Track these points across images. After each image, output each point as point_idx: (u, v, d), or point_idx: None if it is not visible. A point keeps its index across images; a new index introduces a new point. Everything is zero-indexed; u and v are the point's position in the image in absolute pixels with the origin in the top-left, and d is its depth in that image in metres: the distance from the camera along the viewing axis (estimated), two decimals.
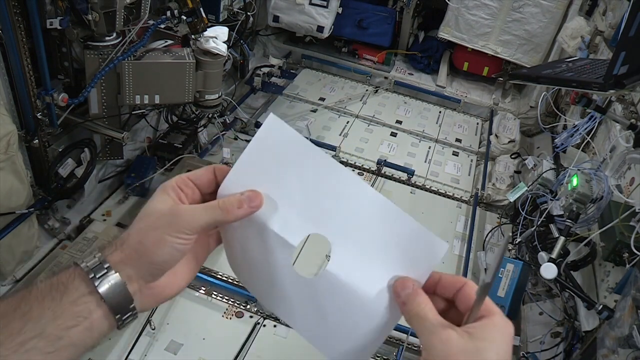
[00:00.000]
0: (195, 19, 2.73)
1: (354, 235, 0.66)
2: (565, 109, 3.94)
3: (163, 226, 0.63)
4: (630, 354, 1.74)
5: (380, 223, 0.65)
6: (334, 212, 0.66)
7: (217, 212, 0.65)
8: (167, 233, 0.62)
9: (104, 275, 0.60)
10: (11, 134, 2.22)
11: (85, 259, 0.62)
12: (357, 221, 0.65)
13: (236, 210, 0.66)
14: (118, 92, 2.74)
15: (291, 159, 0.66)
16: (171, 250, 0.63)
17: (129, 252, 0.62)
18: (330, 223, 0.66)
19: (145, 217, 0.64)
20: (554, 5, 4.31)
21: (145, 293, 0.64)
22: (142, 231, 0.63)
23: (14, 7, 2.14)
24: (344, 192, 0.65)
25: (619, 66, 1.61)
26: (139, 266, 0.62)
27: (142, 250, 0.62)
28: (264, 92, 4.50)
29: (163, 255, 0.63)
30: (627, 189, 2.47)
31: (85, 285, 0.60)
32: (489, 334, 0.57)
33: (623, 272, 2.24)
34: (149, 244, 0.62)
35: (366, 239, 0.65)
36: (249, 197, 0.67)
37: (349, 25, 4.82)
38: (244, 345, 2.49)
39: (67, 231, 2.89)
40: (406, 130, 4.39)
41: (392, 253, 0.64)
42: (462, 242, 3.38)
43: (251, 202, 0.66)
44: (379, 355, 2.61)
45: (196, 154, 3.60)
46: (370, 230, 0.65)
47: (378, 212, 0.65)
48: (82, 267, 0.61)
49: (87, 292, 0.60)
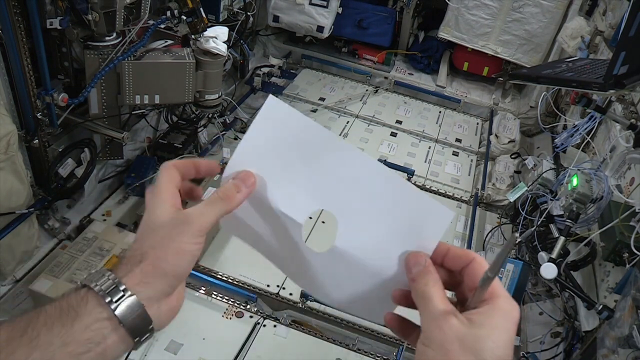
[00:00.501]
0: (195, 19, 2.73)
1: (360, 208, 0.66)
2: (565, 109, 3.94)
3: (178, 235, 0.61)
4: (630, 354, 1.74)
5: (385, 194, 0.65)
6: (338, 186, 0.67)
7: (220, 203, 0.65)
8: (184, 242, 0.61)
9: (121, 298, 0.57)
10: (11, 134, 2.22)
11: (95, 280, 0.59)
12: (362, 194, 0.66)
13: (236, 195, 0.66)
14: (118, 92, 2.74)
15: (293, 137, 0.67)
16: (190, 258, 0.62)
17: (148, 271, 0.60)
18: (335, 198, 0.67)
19: (153, 232, 0.62)
20: (554, 5, 4.31)
21: (164, 310, 0.62)
22: (158, 246, 0.61)
23: (14, 7, 2.14)
24: (347, 166, 0.66)
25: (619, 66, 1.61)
26: (161, 283, 0.60)
27: (163, 266, 0.60)
28: (264, 92, 4.49)
29: (185, 265, 0.62)
30: (627, 189, 2.47)
31: (100, 309, 0.57)
32: (491, 320, 0.56)
33: (623, 272, 2.24)
34: (170, 257, 0.60)
35: (372, 210, 0.66)
36: (242, 178, 0.67)
37: (349, 25, 4.82)
38: (244, 345, 2.49)
39: (67, 231, 2.89)
40: (406, 130, 4.39)
41: (399, 223, 0.65)
42: (462, 242, 3.38)
43: (246, 182, 0.66)
44: (379, 355, 2.61)
45: (196, 154, 3.60)
46: (375, 201, 0.66)
47: (382, 184, 0.65)
48: (96, 290, 0.58)
49: (103, 317, 0.57)
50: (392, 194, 0.65)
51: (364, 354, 2.60)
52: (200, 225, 0.63)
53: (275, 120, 0.66)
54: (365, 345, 2.66)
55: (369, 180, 0.65)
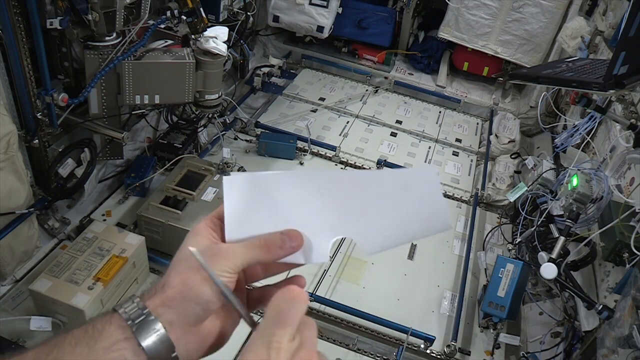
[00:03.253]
0: (195, 19, 2.73)
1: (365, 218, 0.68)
2: (565, 109, 3.94)
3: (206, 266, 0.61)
4: (630, 354, 1.74)
5: (371, 191, 0.67)
6: (336, 209, 0.68)
7: (258, 251, 0.64)
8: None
9: (142, 320, 0.57)
10: (11, 134, 2.22)
11: (123, 304, 0.59)
12: (355, 205, 0.67)
13: (278, 249, 0.64)
14: (118, 92, 2.74)
15: (264, 196, 0.67)
16: (217, 288, 0.61)
17: (172, 294, 0.59)
18: (342, 222, 0.68)
19: (184, 260, 0.62)
20: (554, 5, 4.31)
21: (190, 339, 0.61)
22: (184, 272, 0.61)
23: (14, 7, 2.14)
24: (329, 186, 0.67)
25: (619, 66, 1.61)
26: (184, 308, 0.59)
27: (186, 291, 0.59)
28: (264, 92, 4.50)
29: (209, 294, 0.60)
30: (627, 189, 2.47)
31: (121, 331, 0.57)
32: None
33: (623, 272, 2.24)
34: (194, 284, 0.60)
35: (375, 211, 0.68)
36: (290, 237, 0.65)
37: (349, 25, 4.82)
38: (244, 345, 2.49)
39: (67, 231, 2.89)
40: (406, 130, 4.39)
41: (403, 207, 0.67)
42: (462, 242, 3.38)
43: (292, 242, 0.65)
44: (379, 355, 2.61)
45: (196, 154, 3.60)
46: (370, 203, 0.67)
47: (360, 185, 0.67)
48: (120, 313, 0.58)
49: (123, 338, 0.57)
50: (377, 187, 0.67)
51: (363, 354, 2.60)
52: (231, 262, 0.62)
53: (239, 192, 0.67)
54: (365, 345, 2.66)
55: (348, 189, 0.67)
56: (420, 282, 3.07)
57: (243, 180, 0.67)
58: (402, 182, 0.67)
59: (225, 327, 0.68)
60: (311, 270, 2.94)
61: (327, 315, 2.73)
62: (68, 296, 2.29)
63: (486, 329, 2.79)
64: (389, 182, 0.67)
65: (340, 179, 0.68)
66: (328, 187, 0.67)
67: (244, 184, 0.66)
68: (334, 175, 0.68)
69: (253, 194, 0.66)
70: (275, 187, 0.67)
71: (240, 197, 0.66)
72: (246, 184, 0.67)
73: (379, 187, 0.67)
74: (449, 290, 3.05)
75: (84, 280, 2.37)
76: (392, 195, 0.67)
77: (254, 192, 0.67)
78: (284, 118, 4.27)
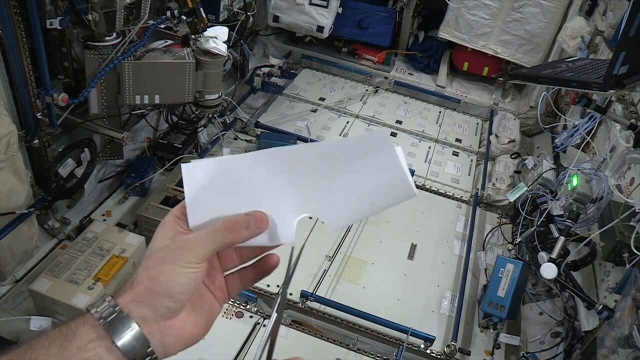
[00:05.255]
0: (195, 19, 2.73)
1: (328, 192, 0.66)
2: (565, 109, 3.94)
3: (172, 259, 0.61)
4: (630, 354, 1.74)
5: (326, 164, 0.65)
6: (296, 187, 0.66)
7: (223, 233, 0.63)
8: (178, 265, 0.60)
9: (114, 318, 0.58)
10: (11, 134, 2.22)
11: (95, 304, 0.59)
12: (315, 179, 0.66)
13: (243, 230, 0.64)
14: (118, 92, 2.74)
15: (225, 179, 0.66)
16: (186, 280, 0.60)
17: (141, 290, 0.60)
18: (305, 197, 0.67)
19: (152, 255, 0.62)
20: (554, 5, 4.31)
21: (166, 333, 0.61)
22: (152, 267, 0.61)
23: (14, 7, 2.14)
24: (283, 165, 0.66)
25: (619, 66, 1.61)
26: (154, 302, 0.59)
27: (154, 286, 0.60)
28: (264, 92, 4.50)
29: (179, 285, 0.60)
30: (627, 189, 2.47)
31: (94, 330, 0.57)
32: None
33: (623, 272, 2.24)
34: (162, 278, 0.60)
35: (338, 183, 0.66)
36: (256, 218, 0.65)
37: (349, 25, 4.82)
38: (244, 345, 2.49)
39: (67, 231, 2.89)
40: (406, 130, 4.39)
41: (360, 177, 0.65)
42: (462, 242, 3.38)
43: (259, 222, 0.65)
44: (379, 355, 2.61)
45: (196, 154, 3.60)
46: (324, 176, 0.66)
47: (317, 160, 0.65)
48: (92, 313, 0.59)
49: (95, 337, 0.57)
50: (332, 161, 0.65)
51: (363, 354, 2.60)
52: (197, 252, 0.61)
53: (199, 178, 0.66)
54: (365, 345, 2.66)
55: (309, 164, 0.65)
56: (420, 282, 3.07)
57: (202, 165, 0.66)
58: (355, 151, 0.64)
59: (204, 317, 0.67)
60: (311, 270, 2.94)
61: (327, 315, 2.73)
62: (68, 296, 2.29)
63: (486, 329, 2.79)
64: (342, 152, 0.64)
65: (298, 155, 0.65)
66: (287, 164, 0.65)
67: (203, 170, 0.66)
68: (292, 150, 0.65)
69: (213, 179, 0.66)
70: (235, 169, 0.66)
71: (201, 183, 0.66)
72: (205, 169, 0.66)
73: (334, 160, 0.65)
74: (449, 290, 3.05)
75: (84, 280, 2.37)
76: (347, 166, 0.64)
77: (213, 177, 0.66)
78: (284, 118, 4.27)
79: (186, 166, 0.66)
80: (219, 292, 0.70)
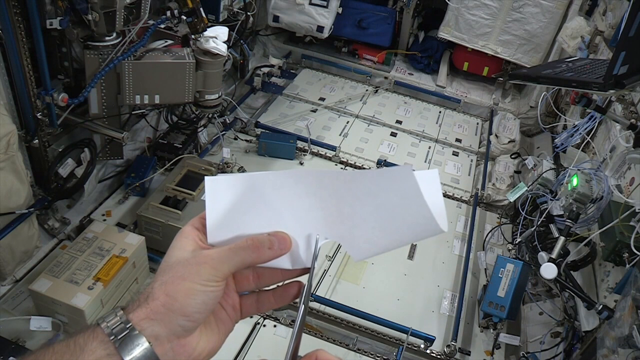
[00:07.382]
0: (195, 19, 2.73)
1: (354, 221, 0.65)
2: (565, 109, 3.94)
3: (191, 275, 0.58)
4: (630, 354, 1.74)
5: (351, 193, 0.63)
6: (323, 212, 0.65)
7: (246, 252, 0.60)
8: (196, 282, 0.57)
9: (125, 335, 0.55)
10: (11, 134, 2.22)
11: (106, 318, 0.56)
12: (333, 208, 0.64)
13: (267, 250, 0.61)
14: (118, 92, 2.74)
15: (250, 196, 0.65)
16: (204, 298, 0.58)
17: (156, 307, 0.56)
18: (329, 223, 0.66)
19: (169, 269, 0.59)
20: (554, 5, 4.31)
21: (179, 351, 0.58)
22: (169, 283, 0.58)
23: (14, 7, 2.15)
24: (315, 190, 0.64)
25: (619, 66, 1.60)
26: (169, 320, 0.56)
27: (170, 303, 0.56)
28: (264, 92, 4.50)
29: (196, 304, 0.57)
30: (627, 189, 2.47)
31: (104, 347, 0.54)
32: None
33: (623, 272, 2.24)
34: (179, 296, 0.57)
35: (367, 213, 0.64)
36: (279, 239, 0.63)
37: (349, 25, 4.82)
38: (244, 345, 2.49)
39: (67, 231, 2.89)
40: (406, 130, 4.39)
41: (383, 211, 0.63)
42: (462, 242, 3.38)
43: (282, 243, 0.63)
44: (379, 355, 2.61)
45: (196, 154, 3.60)
46: (348, 205, 0.64)
47: (342, 187, 0.63)
48: (102, 328, 0.55)
49: (105, 354, 0.54)
50: (356, 192, 0.63)
51: (363, 354, 2.60)
52: (218, 270, 0.58)
53: (222, 193, 0.64)
54: (365, 345, 2.66)
55: (334, 191, 0.64)
56: (420, 282, 3.07)
57: (226, 181, 0.64)
58: (379, 185, 0.62)
59: (215, 336, 0.64)
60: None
61: (327, 315, 2.73)
62: (68, 296, 2.29)
63: (486, 329, 2.79)
64: (366, 185, 0.62)
65: (324, 180, 0.63)
66: (314, 187, 0.64)
67: (227, 185, 0.64)
68: (319, 175, 0.63)
69: (237, 195, 0.64)
70: (260, 188, 0.64)
71: (224, 199, 0.64)
72: (229, 185, 0.64)
73: (358, 191, 0.62)
74: (449, 290, 3.05)
75: (84, 280, 2.37)
76: (371, 199, 0.62)
77: (237, 193, 0.64)
78: (284, 118, 4.27)
79: (210, 179, 0.64)
80: (231, 310, 0.67)
